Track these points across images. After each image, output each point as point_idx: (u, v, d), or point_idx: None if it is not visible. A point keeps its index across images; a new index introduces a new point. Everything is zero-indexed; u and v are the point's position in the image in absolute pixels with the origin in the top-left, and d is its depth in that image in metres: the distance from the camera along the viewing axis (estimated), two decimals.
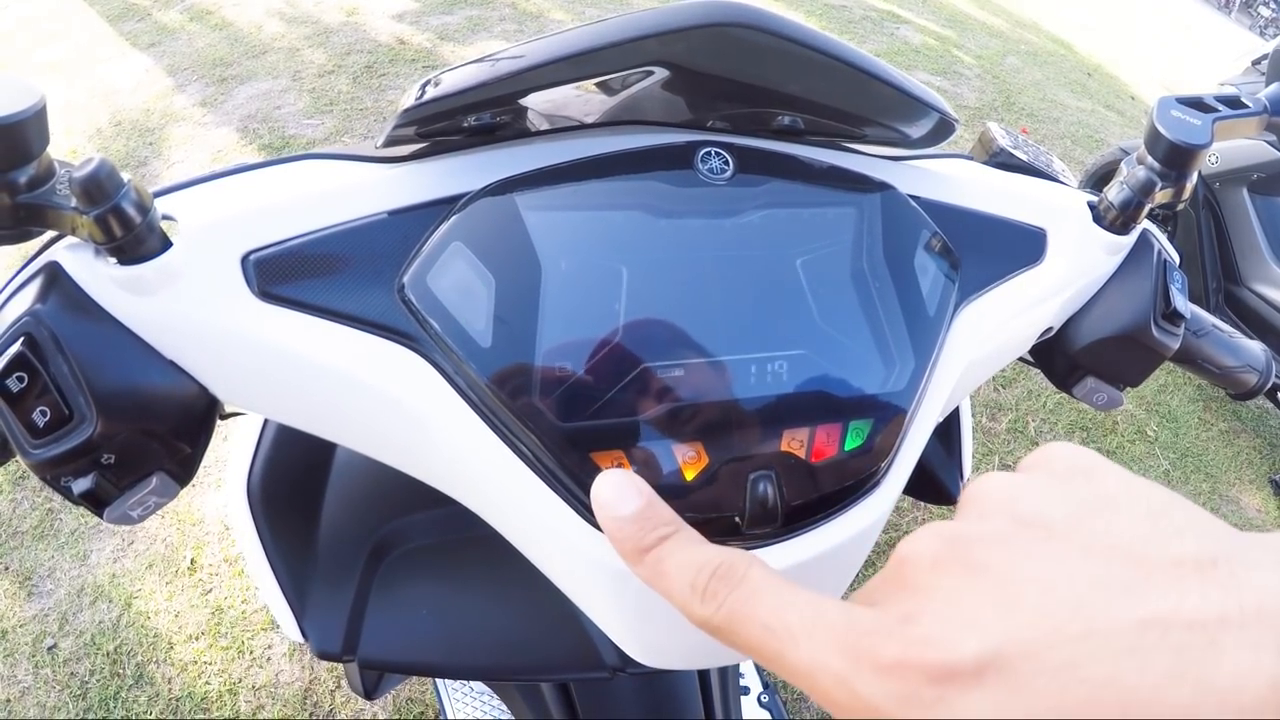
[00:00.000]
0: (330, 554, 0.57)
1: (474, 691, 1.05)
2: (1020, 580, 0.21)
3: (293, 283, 0.38)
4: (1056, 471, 0.25)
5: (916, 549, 0.23)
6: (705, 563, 0.26)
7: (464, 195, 0.41)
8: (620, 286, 0.39)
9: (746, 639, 0.24)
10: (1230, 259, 2.75)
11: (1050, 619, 0.19)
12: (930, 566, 0.23)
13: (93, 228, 0.33)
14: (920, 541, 0.24)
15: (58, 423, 0.34)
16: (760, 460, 0.40)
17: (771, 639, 0.23)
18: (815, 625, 0.22)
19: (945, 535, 0.23)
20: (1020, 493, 0.24)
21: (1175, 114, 0.51)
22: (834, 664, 0.21)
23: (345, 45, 3.82)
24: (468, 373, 0.38)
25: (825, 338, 0.41)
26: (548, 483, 0.39)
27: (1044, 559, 0.21)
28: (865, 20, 5.35)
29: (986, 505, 0.24)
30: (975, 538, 0.23)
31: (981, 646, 0.19)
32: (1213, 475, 2.62)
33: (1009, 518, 0.23)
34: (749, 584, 0.24)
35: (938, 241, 0.46)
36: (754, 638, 0.23)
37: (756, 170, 0.44)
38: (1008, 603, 0.20)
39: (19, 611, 1.71)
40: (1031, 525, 0.22)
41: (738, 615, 0.24)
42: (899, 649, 0.20)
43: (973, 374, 0.49)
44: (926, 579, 0.22)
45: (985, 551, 0.22)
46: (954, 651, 0.20)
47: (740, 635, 0.24)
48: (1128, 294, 0.53)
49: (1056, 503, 0.23)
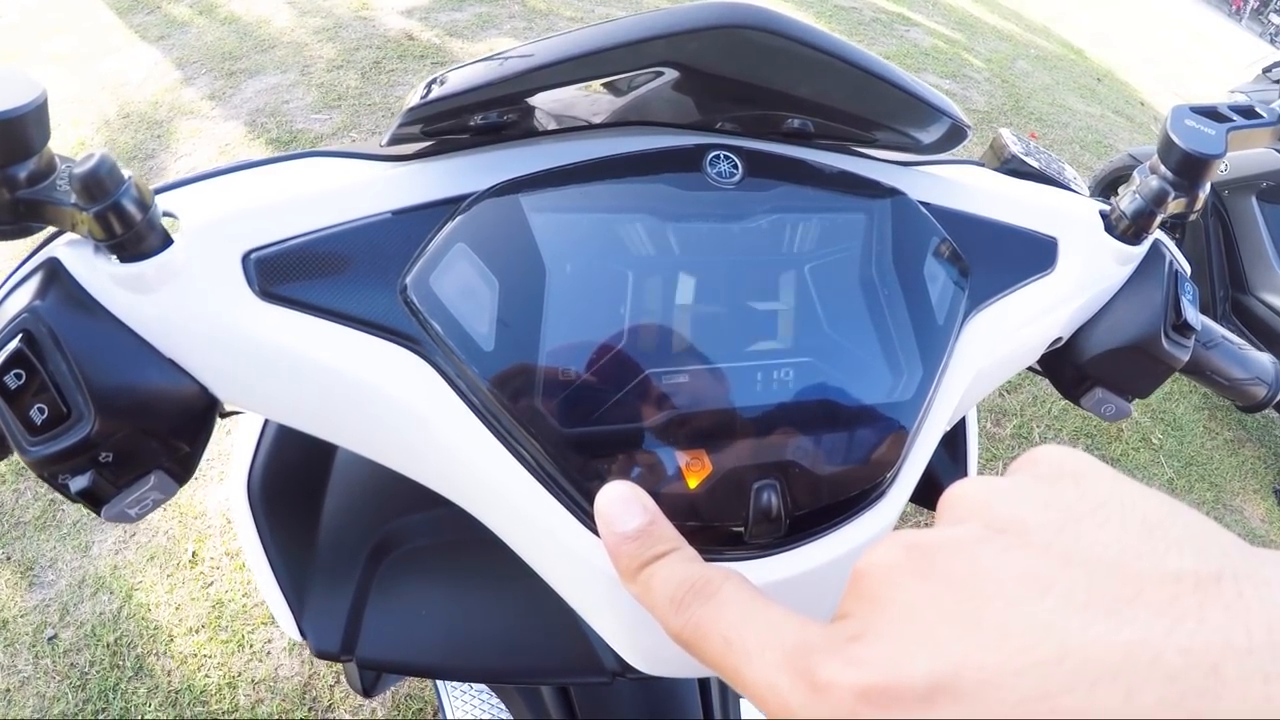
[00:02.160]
0: (330, 553, 0.56)
1: (474, 691, 1.05)
2: (985, 593, 0.18)
3: (294, 282, 0.38)
4: (1042, 474, 0.22)
5: (874, 559, 0.21)
6: (686, 578, 0.25)
7: (468, 196, 0.40)
8: (626, 291, 0.39)
9: (709, 652, 0.23)
10: (1238, 267, 2.74)
11: (1017, 639, 0.17)
12: (886, 578, 0.20)
13: (93, 224, 0.33)
14: (880, 551, 0.21)
15: (55, 420, 0.34)
16: (764, 469, 0.39)
17: (729, 653, 0.22)
18: (769, 642, 0.21)
19: (907, 543, 0.21)
20: (997, 496, 0.21)
21: (1189, 123, 0.50)
22: (779, 681, 0.20)
23: (354, 40, 3.83)
24: (469, 376, 0.38)
25: (832, 345, 0.41)
26: (548, 488, 0.38)
27: (1015, 569, 0.18)
28: (875, 22, 5.34)
29: (959, 510, 0.22)
30: (939, 545, 0.20)
31: (932, 668, 0.17)
32: (1217, 484, 2.62)
33: (981, 523, 0.21)
34: (719, 598, 0.24)
35: (948, 249, 0.46)
36: (715, 651, 0.23)
37: (766, 174, 0.43)
38: (968, 618, 0.18)
39: (20, 601, 1.72)
40: (1005, 531, 0.20)
41: (702, 628, 0.23)
42: (837, 668, 0.19)
43: (981, 383, 0.49)
44: (882, 591, 0.20)
45: (948, 560, 0.20)
46: (899, 672, 0.18)
47: (703, 648, 0.23)
48: (1138, 305, 0.52)
49: (1037, 507, 0.20)
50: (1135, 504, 0.20)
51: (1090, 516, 0.20)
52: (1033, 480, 0.22)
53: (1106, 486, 0.21)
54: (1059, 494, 0.21)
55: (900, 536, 0.21)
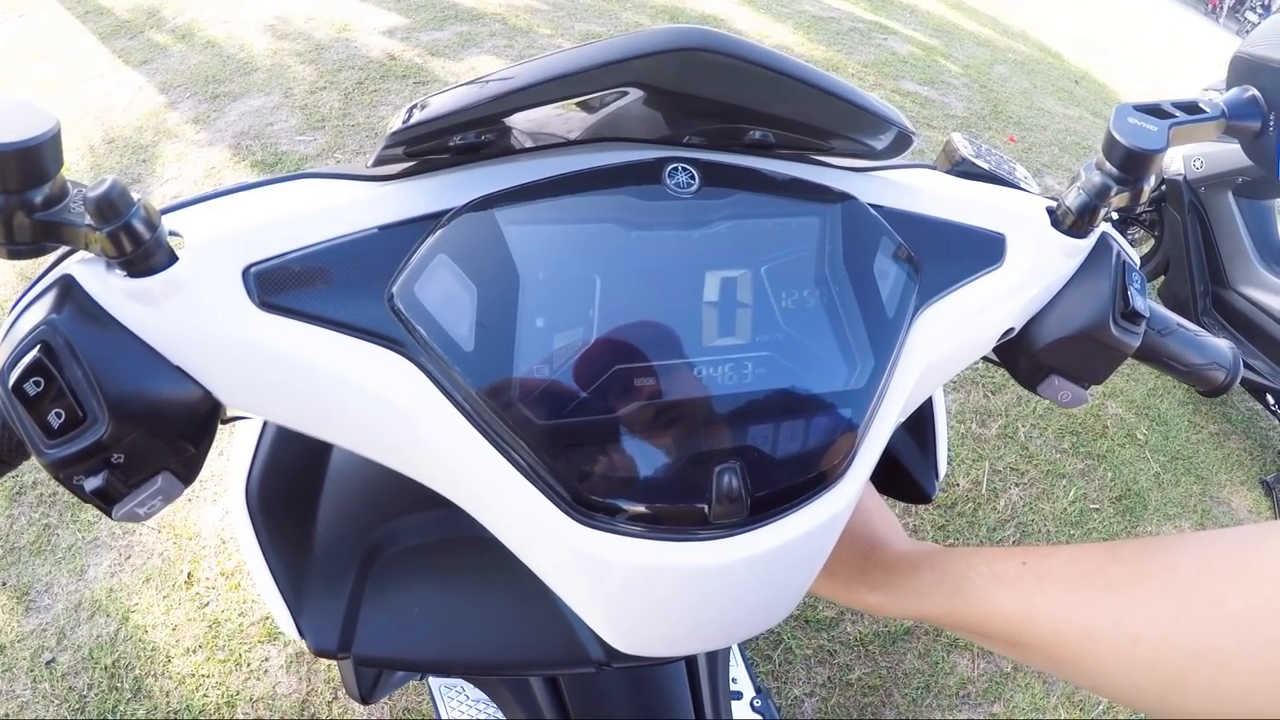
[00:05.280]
0: (326, 555, 0.59)
1: (468, 698, 1.06)
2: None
3: (290, 293, 0.41)
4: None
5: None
6: None
7: (448, 211, 0.43)
8: (594, 294, 0.41)
9: None
10: (1217, 262, 2.77)
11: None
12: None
13: (105, 243, 0.35)
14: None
15: (71, 424, 0.36)
16: (726, 454, 0.42)
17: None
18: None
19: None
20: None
21: (1132, 121, 0.53)
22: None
23: (337, 62, 3.85)
24: (453, 375, 0.40)
25: (788, 340, 0.44)
26: (529, 477, 0.41)
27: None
28: (853, 32, 5.39)
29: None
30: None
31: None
32: (1203, 477, 2.65)
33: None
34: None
35: (897, 248, 0.49)
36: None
37: (721, 183, 0.46)
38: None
39: (17, 626, 1.72)
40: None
41: None
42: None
43: (935, 373, 0.51)
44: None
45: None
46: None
47: None
48: (1086, 294, 0.55)
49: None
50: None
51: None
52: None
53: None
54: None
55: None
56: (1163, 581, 0.40)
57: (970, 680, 1.89)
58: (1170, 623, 0.38)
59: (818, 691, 1.79)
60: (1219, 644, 0.36)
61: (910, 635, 1.94)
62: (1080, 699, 1.91)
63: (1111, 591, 0.42)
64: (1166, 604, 0.39)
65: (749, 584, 0.45)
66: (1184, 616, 0.38)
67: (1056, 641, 0.44)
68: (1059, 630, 0.44)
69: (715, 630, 0.50)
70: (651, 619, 0.47)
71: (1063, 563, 0.46)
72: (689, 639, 0.51)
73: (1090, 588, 0.43)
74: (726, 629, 0.50)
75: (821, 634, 1.89)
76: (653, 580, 0.43)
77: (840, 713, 1.76)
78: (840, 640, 1.89)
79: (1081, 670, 0.43)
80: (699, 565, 0.42)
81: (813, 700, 1.78)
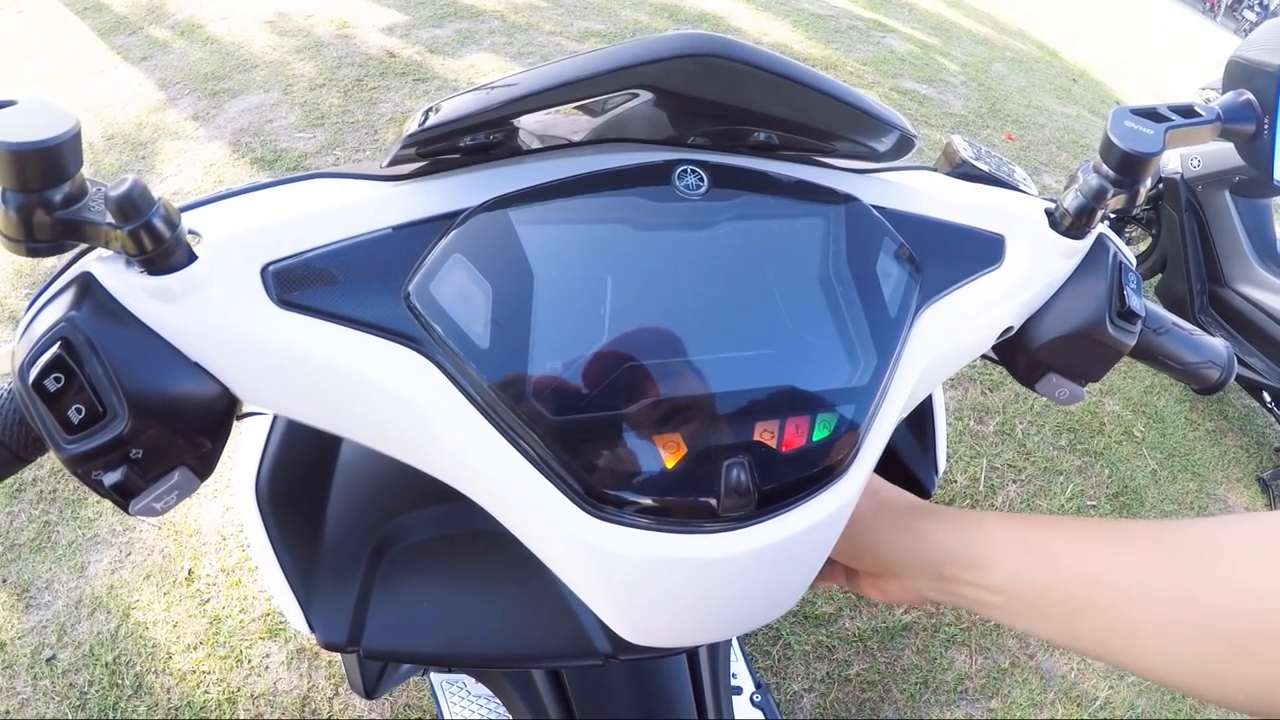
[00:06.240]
0: (335, 550, 0.59)
1: (470, 694, 1.07)
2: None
3: (308, 291, 0.41)
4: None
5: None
6: None
7: (463, 211, 0.44)
8: (606, 293, 0.42)
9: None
10: (1214, 261, 2.78)
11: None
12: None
13: (126, 241, 0.36)
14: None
15: (91, 419, 0.37)
16: (734, 449, 0.43)
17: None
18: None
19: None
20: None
21: (1129, 124, 0.53)
22: None
23: (336, 59, 3.85)
24: (468, 372, 0.41)
25: (794, 338, 0.45)
26: (542, 471, 0.42)
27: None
28: (852, 30, 5.39)
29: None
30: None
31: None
32: (1200, 474, 2.66)
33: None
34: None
35: (899, 248, 0.50)
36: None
37: (729, 185, 0.47)
38: None
39: (17, 623, 1.72)
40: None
41: None
42: None
43: (935, 370, 0.52)
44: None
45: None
46: None
47: None
48: (1083, 294, 0.56)
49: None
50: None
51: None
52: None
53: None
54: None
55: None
56: (1208, 553, 0.41)
57: (968, 676, 1.90)
58: (1232, 592, 0.39)
59: (816, 687, 1.80)
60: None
61: (908, 631, 1.95)
62: (1078, 694, 1.92)
63: (1168, 557, 0.42)
64: (1226, 571, 0.40)
65: (755, 576, 0.46)
66: (1245, 587, 0.39)
67: (1120, 603, 0.43)
68: (1123, 589, 0.43)
69: (722, 621, 0.51)
70: (660, 610, 0.48)
71: (1107, 529, 0.46)
72: (696, 630, 0.52)
73: (1140, 552, 0.43)
74: (732, 620, 0.51)
75: (820, 629, 1.90)
76: (661, 572, 0.44)
77: (839, 708, 1.77)
78: (839, 636, 1.90)
79: (1138, 636, 0.43)
80: (707, 557, 0.43)
81: (811, 695, 1.79)
